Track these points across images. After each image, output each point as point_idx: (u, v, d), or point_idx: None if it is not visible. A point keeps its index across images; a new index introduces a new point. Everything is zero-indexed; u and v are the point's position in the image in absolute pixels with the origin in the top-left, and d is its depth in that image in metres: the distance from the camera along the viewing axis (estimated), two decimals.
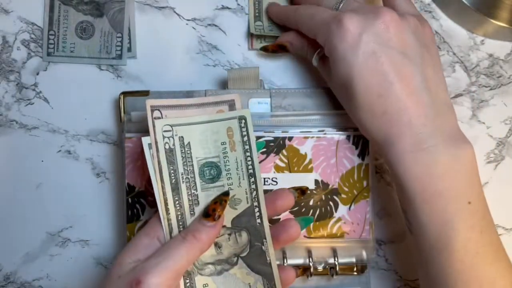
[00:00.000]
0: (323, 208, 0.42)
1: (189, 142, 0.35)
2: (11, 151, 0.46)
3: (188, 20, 0.47)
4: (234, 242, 0.35)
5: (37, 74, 0.46)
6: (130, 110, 0.42)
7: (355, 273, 0.43)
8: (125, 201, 0.42)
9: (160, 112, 0.35)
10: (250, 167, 0.35)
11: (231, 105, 0.36)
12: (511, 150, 0.47)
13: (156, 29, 0.46)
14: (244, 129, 0.36)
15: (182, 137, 0.35)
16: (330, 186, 0.42)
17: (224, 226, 0.36)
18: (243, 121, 0.36)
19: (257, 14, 0.46)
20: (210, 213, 0.33)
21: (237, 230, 0.36)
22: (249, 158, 0.36)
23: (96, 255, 0.46)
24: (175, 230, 0.34)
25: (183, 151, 0.35)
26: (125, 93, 0.43)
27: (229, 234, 0.36)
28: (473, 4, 0.44)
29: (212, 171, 0.35)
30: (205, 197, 0.35)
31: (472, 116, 0.47)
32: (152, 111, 0.35)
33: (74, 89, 0.46)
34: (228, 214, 0.36)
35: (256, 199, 0.35)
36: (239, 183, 0.35)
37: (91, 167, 0.46)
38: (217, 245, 0.35)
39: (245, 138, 0.36)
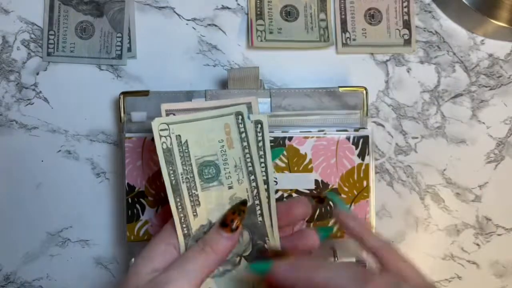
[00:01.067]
0: (323, 208, 0.42)
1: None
2: (11, 151, 0.46)
3: (188, 20, 0.47)
4: None
5: (37, 74, 0.46)
6: (130, 110, 0.42)
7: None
8: (125, 201, 0.42)
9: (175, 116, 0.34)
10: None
11: (248, 108, 0.35)
12: (511, 150, 0.47)
13: (156, 29, 0.46)
14: (260, 134, 0.34)
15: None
16: (330, 186, 0.42)
17: None
18: (259, 125, 0.34)
19: (258, 13, 0.46)
20: (227, 223, 0.32)
21: None
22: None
23: (96, 255, 0.46)
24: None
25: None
26: (125, 93, 0.43)
27: None
28: (473, 4, 0.44)
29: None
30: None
31: (472, 116, 0.47)
32: (167, 115, 0.35)
33: (74, 89, 0.46)
34: None
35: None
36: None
37: (91, 167, 0.46)
38: None
39: (260, 144, 0.34)
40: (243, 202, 0.34)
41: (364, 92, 0.43)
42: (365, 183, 0.42)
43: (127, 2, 0.46)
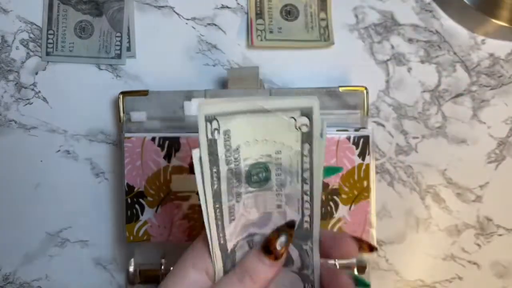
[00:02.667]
0: (323, 209, 0.42)
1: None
2: (10, 151, 0.46)
3: (187, 19, 0.46)
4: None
5: (36, 73, 0.46)
6: (129, 110, 0.42)
7: (356, 273, 0.43)
8: (124, 201, 0.41)
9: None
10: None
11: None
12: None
13: (156, 28, 0.46)
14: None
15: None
16: (330, 186, 0.42)
17: None
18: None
19: (258, 12, 0.46)
20: (271, 250, 0.27)
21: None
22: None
23: (95, 255, 0.46)
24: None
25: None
26: (125, 93, 0.43)
27: None
28: (473, 3, 0.44)
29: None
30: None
31: (473, 116, 0.47)
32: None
33: (73, 89, 0.46)
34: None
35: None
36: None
37: (90, 167, 0.46)
38: None
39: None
40: (291, 225, 0.28)
41: (365, 91, 0.43)
42: (365, 183, 0.42)
43: (127, 1, 0.46)
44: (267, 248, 0.27)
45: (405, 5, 0.47)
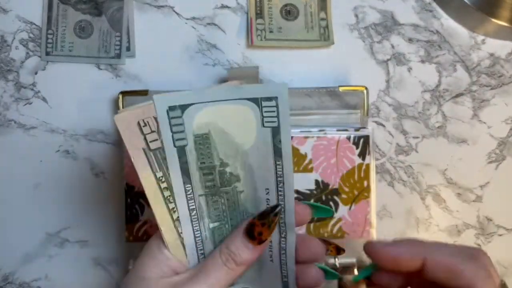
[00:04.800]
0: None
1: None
2: (10, 151, 0.46)
3: (187, 19, 0.46)
4: None
5: (36, 73, 0.46)
6: None
7: (356, 273, 0.43)
8: (124, 201, 0.41)
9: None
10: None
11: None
12: None
13: (155, 28, 0.46)
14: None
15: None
16: (330, 186, 0.42)
17: None
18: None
19: (258, 12, 0.45)
20: (255, 235, 0.29)
21: None
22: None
23: (95, 255, 0.46)
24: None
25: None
26: (124, 93, 0.43)
27: None
28: (474, 3, 0.44)
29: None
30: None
31: (473, 116, 0.47)
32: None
33: (73, 89, 0.46)
34: None
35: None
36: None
37: (90, 167, 0.46)
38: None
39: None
40: (276, 212, 0.29)
41: (365, 91, 0.43)
42: (365, 183, 0.42)
43: (126, 1, 0.46)
44: (251, 233, 0.29)
45: (405, 4, 0.47)
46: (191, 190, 0.28)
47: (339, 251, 0.32)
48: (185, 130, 0.26)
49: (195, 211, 0.29)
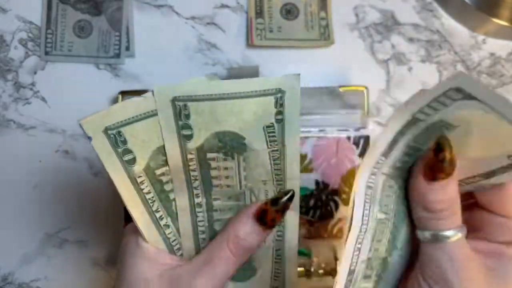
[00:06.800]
0: (323, 209, 0.41)
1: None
2: (9, 151, 0.46)
3: (187, 18, 0.46)
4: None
5: (35, 73, 0.46)
6: None
7: None
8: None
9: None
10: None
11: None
12: None
13: (155, 27, 0.46)
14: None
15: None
16: (330, 187, 0.41)
17: None
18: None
19: (258, 11, 0.45)
20: (267, 221, 0.28)
21: None
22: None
23: (94, 255, 0.46)
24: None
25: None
26: (124, 92, 0.42)
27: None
28: (474, 3, 0.44)
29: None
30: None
31: None
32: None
33: (72, 89, 0.46)
34: None
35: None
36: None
37: (89, 167, 0.46)
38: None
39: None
40: (290, 197, 0.28)
41: (365, 91, 0.43)
42: None
43: (125, 0, 0.45)
44: (263, 219, 0.28)
45: (406, 4, 0.47)
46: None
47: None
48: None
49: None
